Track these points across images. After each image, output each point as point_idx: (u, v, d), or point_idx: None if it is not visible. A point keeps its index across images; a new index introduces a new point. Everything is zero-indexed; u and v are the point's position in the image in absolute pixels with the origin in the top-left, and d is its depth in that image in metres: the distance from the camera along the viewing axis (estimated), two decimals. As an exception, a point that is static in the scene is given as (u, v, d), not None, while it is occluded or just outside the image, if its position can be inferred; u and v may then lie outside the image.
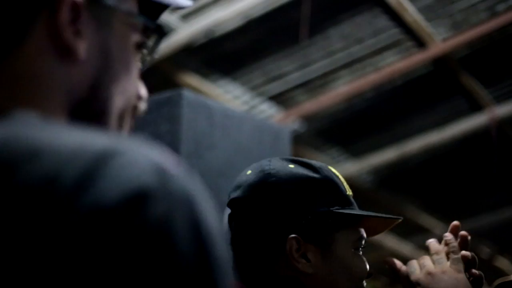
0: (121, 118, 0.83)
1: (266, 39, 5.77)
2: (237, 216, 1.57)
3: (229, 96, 6.17)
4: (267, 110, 6.47)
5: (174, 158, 0.67)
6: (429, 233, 8.90)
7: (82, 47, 0.78)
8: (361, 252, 1.57)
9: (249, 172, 1.58)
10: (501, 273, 7.13)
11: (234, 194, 1.57)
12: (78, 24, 0.78)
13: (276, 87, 6.26)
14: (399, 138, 7.21)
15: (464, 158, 7.78)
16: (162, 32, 0.91)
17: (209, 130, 2.77)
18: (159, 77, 5.63)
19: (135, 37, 0.86)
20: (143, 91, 0.90)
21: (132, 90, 0.85)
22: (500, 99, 7.10)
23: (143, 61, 0.90)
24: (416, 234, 8.68)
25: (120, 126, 0.83)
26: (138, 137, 0.72)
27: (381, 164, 7.34)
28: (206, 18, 5.35)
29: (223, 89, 6.12)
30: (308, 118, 6.64)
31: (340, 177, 1.60)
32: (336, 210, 1.52)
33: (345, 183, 1.60)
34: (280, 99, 6.42)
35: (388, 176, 7.67)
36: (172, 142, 2.65)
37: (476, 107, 7.08)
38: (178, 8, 0.95)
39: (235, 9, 5.31)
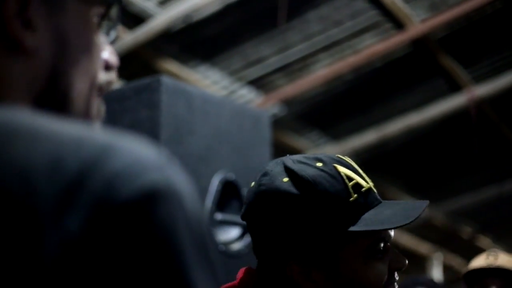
0: (87, 101, 0.81)
1: (244, 23, 5.75)
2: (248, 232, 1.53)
3: (208, 81, 6.16)
4: (247, 95, 6.46)
5: (166, 154, 0.67)
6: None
7: (33, 38, 0.75)
8: (380, 255, 1.45)
9: (252, 184, 1.49)
10: (482, 252, 7.19)
11: (242, 211, 1.51)
12: (27, 13, 0.74)
13: (255, 72, 6.25)
14: (379, 120, 7.22)
15: (444, 139, 7.81)
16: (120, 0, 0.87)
17: (188, 116, 2.76)
18: (138, 63, 5.61)
19: (95, 11, 0.81)
20: (112, 58, 0.87)
21: (95, 69, 0.81)
22: (479, 79, 7.12)
23: (108, 32, 0.87)
24: (398, 216, 8.71)
25: (87, 109, 0.81)
26: (128, 132, 0.71)
27: (361, 146, 7.35)
28: (184, 3, 5.32)
29: (202, 75, 6.11)
30: (287, 102, 6.64)
31: (347, 176, 1.45)
32: (332, 230, 1.42)
33: (352, 183, 1.45)
34: (260, 84, 6.41)
35: (368, 158, 7.69)
36: (151, 128, 2.64)
37: (455, 87, 7.10)
38: None
39: (212, -7, 5.29)
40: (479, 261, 3.78)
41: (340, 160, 1.50)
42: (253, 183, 1.49)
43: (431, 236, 9.65)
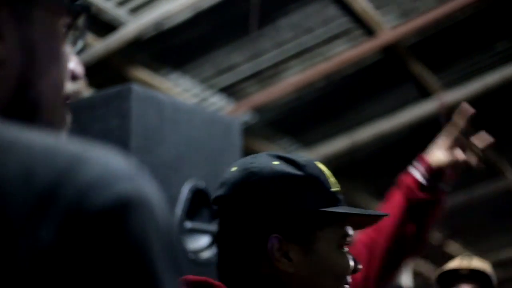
0: (54, 111, 0.81)
1: (215, 31, 5.75)
2: (221, 214, 1.57)
3: (179, 89, 6.15)
4: (218, 102, 6.46)
5: (136, 164, 0.67)
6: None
7: (1, 48, 0.75)
8: (346, 249, 1.56)
9: (234, 168, 1.56)
10: (452, 258, 7.25)
11: (218, 192, 1.56)
12: None
13: (226, 79, 6.25)
14: (350, 127, 7.24)
15: (415, 145, 7.83)
16: (88, 9, 0.87)
17: (159, 124, 2.75)
18: (109, 71, 5.59)
19: (62, 21, 0.81)
20: (79, 69, 0.86)
21: (62, 79, 0.81)
22: (449, 85, 7.17)
23: (74, 42, 0.87)
24: (369, 222, 8.73)
25: (54, 119, 0.81)
26: (98, 140, 0.70)
27: (333, 153, 7.37)
28: (155, 11, 5.32)
29: (173, 82, 6.10)
30: (259, 109, 6.64)
31: (327, 172, 1.59)
32: (319, 209, 1.51)
33: (331, 179, 1.58)
34: (231, 91, 6.41)
35: (340, 165, 7.71)
36: (122, 137, 2.63)
37: (426, 94, 7.15)
38: None
39: (184, 1, 5.28)
40: (453, 263, 3.82)
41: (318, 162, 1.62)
42: (234, 168, 1.56)
43: (402, 241, 9.66)
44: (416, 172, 2.18)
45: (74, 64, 0.86)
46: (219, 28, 5.73)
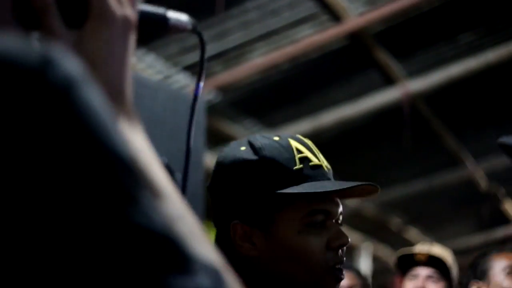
0: None
1: (182, 9, 5.69)
2: None
3: (143, 65, 6.12)
4: (182, 80, 6.44)
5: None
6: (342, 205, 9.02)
7: None
8: (317, 229, 1.51)
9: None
10: (411, 244, 7.33)
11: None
12: None
13: (191, 57, 6.23)
14: (313, 111, 7.26)
15: (377, 131, 7.90)
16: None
17: (123, 99, 2.74)
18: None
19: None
20: None
21: None
22: (413, 74, 7.22)
23: None
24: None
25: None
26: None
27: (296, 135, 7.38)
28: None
29: (137, 58, 6.06)
30: (223, 89, 6.63)
31: (294, 149, 1.56)
32: (274, 191, 1.50)
33: (299, 156, 1.55)
34: (195, 70, 6.39)
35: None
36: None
37: (389, 81, 7.19)
38: None
39: (151, -22, 5.25)
40: (412, 248, 3.89)
41: (297, 138, 1.62)
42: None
43: (360, 226, 9.76)
44: None
45: None
46: (186, 7, 5.67)
